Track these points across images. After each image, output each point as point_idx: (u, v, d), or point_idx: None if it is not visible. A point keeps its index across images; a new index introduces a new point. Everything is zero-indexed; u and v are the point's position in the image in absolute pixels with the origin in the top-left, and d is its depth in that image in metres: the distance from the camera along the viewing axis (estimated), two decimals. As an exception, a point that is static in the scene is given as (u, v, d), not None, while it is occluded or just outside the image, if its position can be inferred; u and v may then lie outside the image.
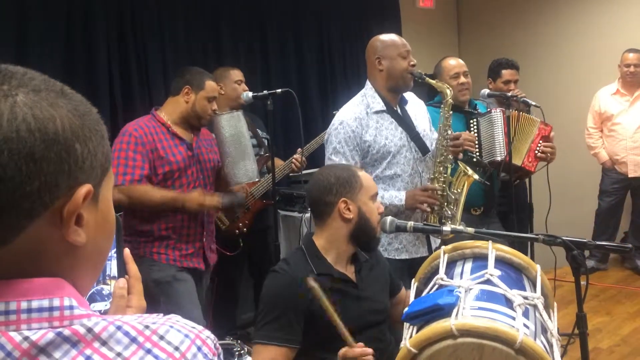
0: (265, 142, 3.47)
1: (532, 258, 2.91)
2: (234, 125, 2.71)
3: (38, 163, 0.56)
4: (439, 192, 2.48)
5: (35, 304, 0.57)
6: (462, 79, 3.20)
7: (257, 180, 2.93)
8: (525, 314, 1.38)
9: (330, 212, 1.88)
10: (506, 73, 3.68)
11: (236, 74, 3.40)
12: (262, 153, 3.41)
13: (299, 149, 3.24)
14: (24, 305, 0.57)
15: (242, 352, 2.51)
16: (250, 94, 2.96)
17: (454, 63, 3.25)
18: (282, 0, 4.38)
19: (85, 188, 0.60)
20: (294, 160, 3.21)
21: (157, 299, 2.54)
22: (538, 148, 3.26)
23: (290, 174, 3.45)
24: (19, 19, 3.20)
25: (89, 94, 0.65)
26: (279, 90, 2.88)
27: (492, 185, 3.24)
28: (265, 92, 2.91)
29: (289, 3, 4.42)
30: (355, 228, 1.86)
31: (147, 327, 0.61)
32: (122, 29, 3.58)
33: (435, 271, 1.57)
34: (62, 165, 0.58)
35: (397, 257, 2.49)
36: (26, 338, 0.56)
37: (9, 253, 0.58)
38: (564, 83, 5.29)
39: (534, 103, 3.27)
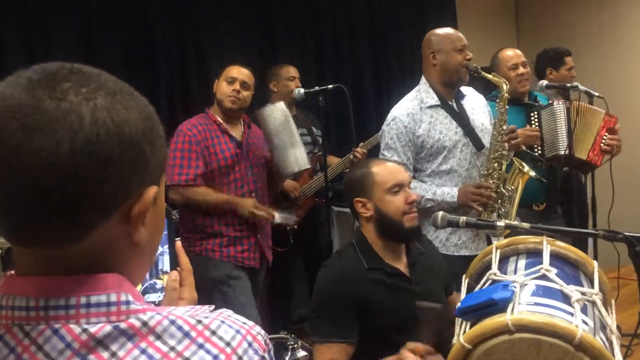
0: (319, 139, 3.48)
1: (595, 255, 2.81)
2: (276, 117, 2.74)
3: (115, 165, 0.58)
4: (493, 189, 2.42)
5: (94, 299, 0.60)
6: (521, 70, 3.12)
7: (308, 167, 2.94)
8: (584, 310, 1.33)
9: (356, 213, 1.92)
10: (569, 60, 3.60)
11: (289, 71, 3.43)
12: (316, 151, 3.42)
13: (361, 143, 3.24)
14: (83, 300, 0.59)
15: (295, 345, 2.55)
16: (302, 90, 2.98)
17: (511, 54, 3.18)
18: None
19: (154, 190, 0.63)
20: (355, 152, 3.17)
21: (213, 297, 2.60)
22: (603, 141, 3.13)
23: (346, 170, 3.45)
24: (84, 21, 3.35)
25: (148, 95, 0.67)
26: (331, 86, 2.89)
27: (554, 181, 3.14)
28: (317, 88, 2.92)
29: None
30: (378, 224, 1.87)
31: (199, 321, 0.63)
32: (180, 31, 3.69)
33: (487, 267, 1.54)
34: (134, 167, 0.60)
35: (456, 254, 2.45)
36: (85, 330, 0.58)
37: (78, 250, 0.60)
38: (629, 73, 5.04)
39: (597, 94, 3.14)
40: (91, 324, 0.59)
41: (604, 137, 3.13)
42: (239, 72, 2.75)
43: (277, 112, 2.76)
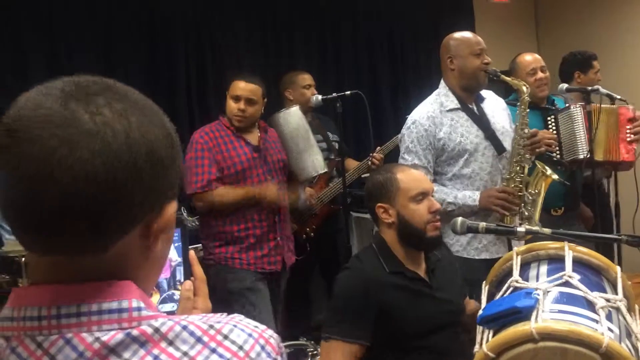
0: (336, 145, 3.47)
1: (619, 260, 2.76)
2: (290, 122, 2.73)
3: (143, 180, 0.60)
4: (516, 195, 2.40)
5: (105, 305, 0.60)
6: (540, 75, 3.08)
7: (324, 171, 2.92)
8: (609, 317, 1.30)
9: (376, 218, 1.90)
10: (596, 63, 3.56)
11: (305, 79, 3.40)
12: (332, 157, 3.40)
13: (378, 147, 3.21)
14: (94, 307, 0.60)
15: (315, 352, 2.54)
16: (320, 97, 2.96)
17: (530, 59, 3.14)
18: (354, 1, 4.38)
19: (174, 207, 0.66)
20: (372, 158, 3.13)
21: (231, 307, 2.59)
22: (628, 132, 3.06)
23: (363, 175, 3.43)
24: (103, 27, 3.41)
25: (168, 99, 0.69)
26: (348, 92, 2.88)
27: (574, 185, 3.09)
28: (334, 94, 2.91)
29: (361, 3, 4.42)
30: (399, 231, 1.85)
31: (211, 326, 0.63)
32: (199, 36, 3.73)
33: (507, 273, 1.52)
34: (158, 182, 0.62)
35: (476, 257, 2.44)
36: (97, 339, 0.58)
37: (97, 260, 0.61)
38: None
39: (619, 96, 3.08)
40: (103, 331, 0.59)
41: (628, 129, 3.06)
42: (244, 89, 2.70)
43: (292, 116, 2.75)
